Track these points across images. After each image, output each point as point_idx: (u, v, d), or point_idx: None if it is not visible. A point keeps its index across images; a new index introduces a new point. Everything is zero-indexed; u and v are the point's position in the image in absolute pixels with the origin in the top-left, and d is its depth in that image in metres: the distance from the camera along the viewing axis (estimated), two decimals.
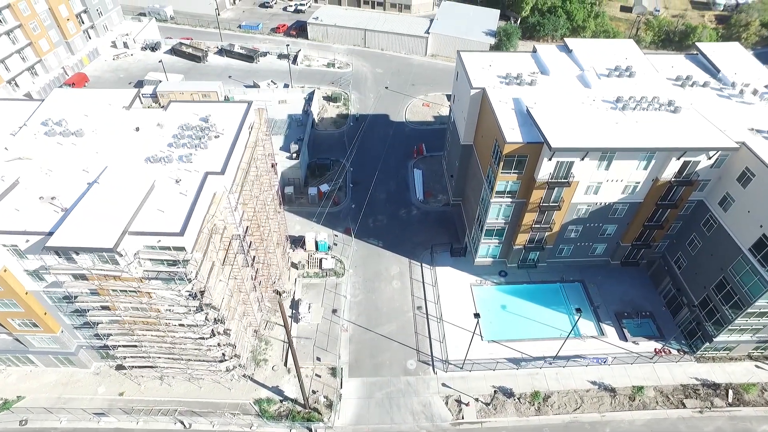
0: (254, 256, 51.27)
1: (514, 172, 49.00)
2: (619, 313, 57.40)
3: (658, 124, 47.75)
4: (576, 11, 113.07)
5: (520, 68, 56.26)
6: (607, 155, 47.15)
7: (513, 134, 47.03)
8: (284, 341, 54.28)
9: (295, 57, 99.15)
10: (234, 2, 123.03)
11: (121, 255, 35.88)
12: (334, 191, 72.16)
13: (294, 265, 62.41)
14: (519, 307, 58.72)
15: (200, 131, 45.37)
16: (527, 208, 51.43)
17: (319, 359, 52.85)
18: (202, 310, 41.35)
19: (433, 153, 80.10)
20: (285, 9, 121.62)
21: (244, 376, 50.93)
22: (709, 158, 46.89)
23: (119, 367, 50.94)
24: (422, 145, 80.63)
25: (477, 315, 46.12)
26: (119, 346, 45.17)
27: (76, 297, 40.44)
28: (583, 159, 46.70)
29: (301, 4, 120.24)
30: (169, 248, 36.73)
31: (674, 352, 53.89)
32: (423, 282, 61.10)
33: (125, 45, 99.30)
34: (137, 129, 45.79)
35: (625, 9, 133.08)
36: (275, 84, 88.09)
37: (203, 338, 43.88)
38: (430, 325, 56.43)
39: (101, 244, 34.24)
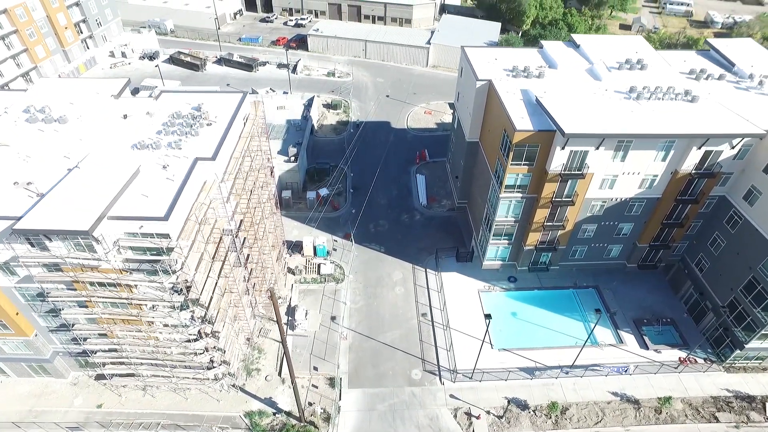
0: (248, 255, 47.90)
1: (524, 164, 46.10)
2: (637, 319, 53.58)
3: (675, 113, 45.11)
4: (577, 24, 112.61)
5: (527, 62, 54.12)
6: (623, 144, 44.39)
7: (523, 123, 44.40)
8: (279, 347, 50.31)
9: (295, 66, 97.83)
10: (235, 17, 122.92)
11: (98, 241, 32.62)
12: (332, 195, 69.30)
13: (291, 271, 58.88)
14: (530, 314, 54.97)
15: (192, 119, 42.75)
16: (539, 203, 48.34)
17: (316, 369, 48.80)
18: (188, 307, 37.76)
19: (436, 159, 77.54)
20: (285, 23, 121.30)
21: (234, 386, 46.81)
22: (732, 147, 44.07)
23: (99, 377, 46.86)
24: (425, 150, 78.20)
25: (488, 316, 42.42)
26: (97, 350, 41.38)
27: (49, 293, 36.92)
28: (597, 148, 43.87)
29: (302, 19, 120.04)
30: (152, 235, 33.53)
31: (700, 361, 49.86)
32: (428, 288, 57.46)
33: (123, 54, 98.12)
34: (125, 116, 43.18)
35: (624, 27, 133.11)
36: (273, 91, 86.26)
37: (189, 340, 40.11)
38: (436, 332, 52.53)
39: (76, 226, 31.02)
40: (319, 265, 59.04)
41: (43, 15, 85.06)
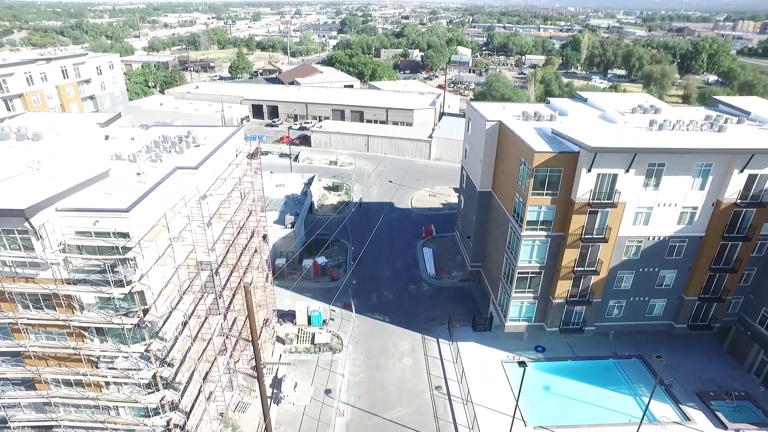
0: (229, 303, 40.46)
1: (547, 194, 41.10)
2: (702, 392, 43.73)
3: (705, 138, 41.50)
4: None
5: (536, 110, 52.28)
6: (655, 169, 39.94)
7: (541, 146, 40.56)
8: (259, 424, 39.92)
9: (297, 156, 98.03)
10: (242, 122, 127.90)
11: (39, 236, 26.41)
12: (332, 266, 62.94)
13: (280, 340, 50.20)
14: (567, 387, 45.25)
15: (178, 141, 39.08)
16: (566, 242, 42.21)
17: None
18: (143, 338, 29.77)
19: (444, 234, 72.62)
20: (290, 128, 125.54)
21: None
22: None
23: None
24: (431, 225, 73.63)
25: (522, 363, 33.72)
26: (17, 404, 32.04)
27: None
28: (627, 170, 39.30)
29: (306, 122, 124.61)
30: (108, 234, 27.42)
31: None
32: (441, 358, 48.30)
33: None
34: (107, 137, 39.64)
35: None
36: (272, 173, 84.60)
37: (139, 386, 31.12)
38: (454, 407, 42.41)
39: (8, 205, 25.15)
40: (313, 335, 50.54)
41: (57, 103, 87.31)
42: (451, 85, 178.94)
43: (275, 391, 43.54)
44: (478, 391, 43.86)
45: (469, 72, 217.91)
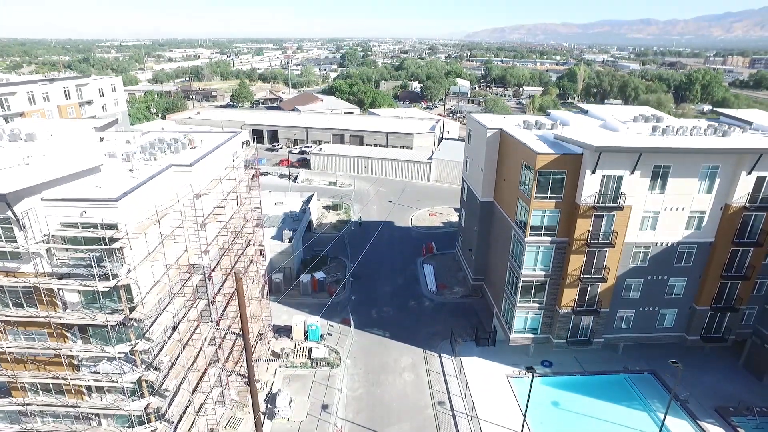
0: (222, 311, 38.82)
1: (550, 198, 40.07)
2: (722, 408, 41.49)
3: (711, 141, 40.83)
4: None
5: (537, 120, 51.91)
6: (660, 171, 39.08)
7: (544, 149, 39.84)
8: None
9: (296, 177, 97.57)
10: (242, 145, 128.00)
11: (22, 226, 25.22)
12: (330, 282, 61.26)
13: (275, 355, 48.10)
14: (577, 403, 42.97)
15: (174, 142, 38.37)
16: (572, 248, 40.88)
17: None
18: (128, 339, 28.09)
19: (445, 251, 71.20)
20: (290, 152, 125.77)
21: None
22: None
23: None
24: (431, 243, 72.29)
25: (530, 368, 31.87)
26: None
27: None
28: (633, 172, 38.42)
29: (306, 146, 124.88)
30: (95, 225, 26.22)
31: None
32: (444, 373, 46.14)
33: None
34: (101, 139, 38.91)
35: None
36: (270, 192, 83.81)
37: (123, 392, 29.17)
38: (458, 423, 40.06)
39: None
40: (310, 349, 48.49)
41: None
42: (450, 114, 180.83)
43: (269, 406, 41.25)
44: (483, 405, 41.58)
45: (468, 102, 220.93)
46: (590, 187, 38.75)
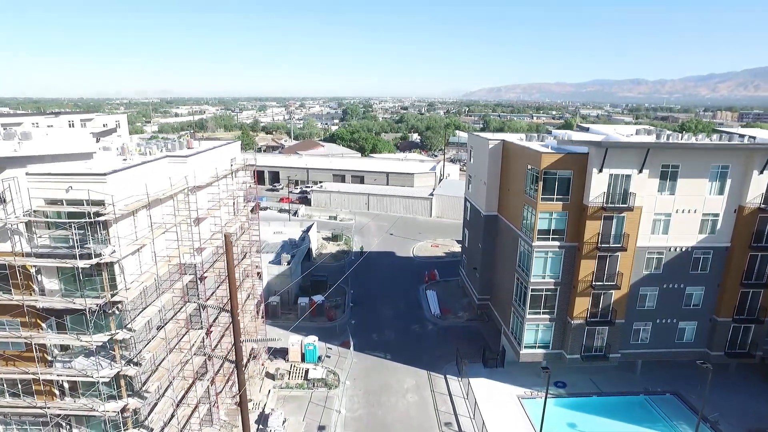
0: (214, 319, 36.54)
1: (557, 199, 38.76)
2: (755, 431, 38.05)
3: (721, 142, 40.12)
4: None
5: (539, 134, 51.66)
6: (669, 171, 38.04)
7: (548, 151, 39.06)
8: None
9: (296, 212, 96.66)
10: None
11: (2, 199, 23.89)
12: (330, 307, 58.67)
13: (270, 375, 44.95)
14: (594, 424, 39.68)
15: (171, 141, 37.75)
16: (582, 253, 39.07)
17: None
18: (108, 328, 25.88)
19: (448, 278, 68.92)
20: (290, 192, 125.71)
21: None
22: None
23: None
24: (434, 270, 70.17)
25: (545, 369, 29.24)
26: None
27: None
28: (641, 171, 37.34)
29: (306, 186, 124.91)
30: (81, 202, 24.90)
31: None
32: (450, 394, 42.90)
33: None
34: (98, 140, 38.15)
35: None
36: (270, 224, 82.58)
37: (98, 394, 26.50)
38: None
39: None
40: (306, 370, 45.42)
41: None
42: (450, 162, 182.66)
43: (260, 426, 37.86)
44: (494, 426, 38.14)
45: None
46: (598, 187, 37.56)
